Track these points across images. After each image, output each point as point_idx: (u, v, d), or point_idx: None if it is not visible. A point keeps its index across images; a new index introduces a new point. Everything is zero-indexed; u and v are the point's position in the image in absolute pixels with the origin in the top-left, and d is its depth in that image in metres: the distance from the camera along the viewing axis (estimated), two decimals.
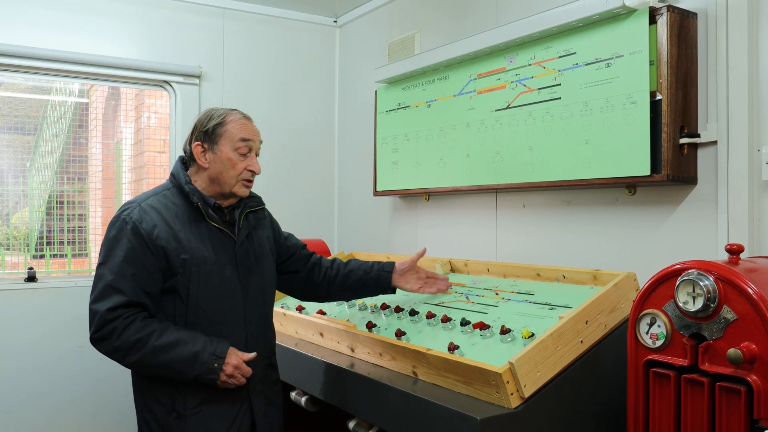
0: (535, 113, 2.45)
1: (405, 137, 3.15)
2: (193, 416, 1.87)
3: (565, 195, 2.53)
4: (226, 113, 1.97)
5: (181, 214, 1.91)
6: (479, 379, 1.71)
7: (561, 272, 2.20)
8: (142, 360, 1.80)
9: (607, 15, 2.17)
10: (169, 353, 1.80)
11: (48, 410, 3.26)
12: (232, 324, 1.93)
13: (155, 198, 1.93)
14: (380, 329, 2.27)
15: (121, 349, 1.80)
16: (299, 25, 3.95)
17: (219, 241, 1.94)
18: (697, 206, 2.09)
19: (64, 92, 3.70)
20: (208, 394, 1.88)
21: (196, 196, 1.91)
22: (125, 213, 1.88)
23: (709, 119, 2.05)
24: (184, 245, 1.87)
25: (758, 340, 1.35)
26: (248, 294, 1.97)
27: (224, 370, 1.84)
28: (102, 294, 1.81)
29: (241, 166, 1.94)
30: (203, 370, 1.81)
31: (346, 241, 3.96)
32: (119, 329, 1.78)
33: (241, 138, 1.93)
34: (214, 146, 1.92)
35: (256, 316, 2.00)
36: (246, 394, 1.95)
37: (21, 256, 3.47)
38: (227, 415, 1.92)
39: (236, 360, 1.86)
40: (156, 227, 1.85)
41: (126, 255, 1.82)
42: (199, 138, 1.94)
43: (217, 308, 1.91)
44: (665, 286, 1.52)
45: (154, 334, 1.80)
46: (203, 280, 1.88)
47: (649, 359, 1.54)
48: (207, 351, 1.82)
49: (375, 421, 2.01)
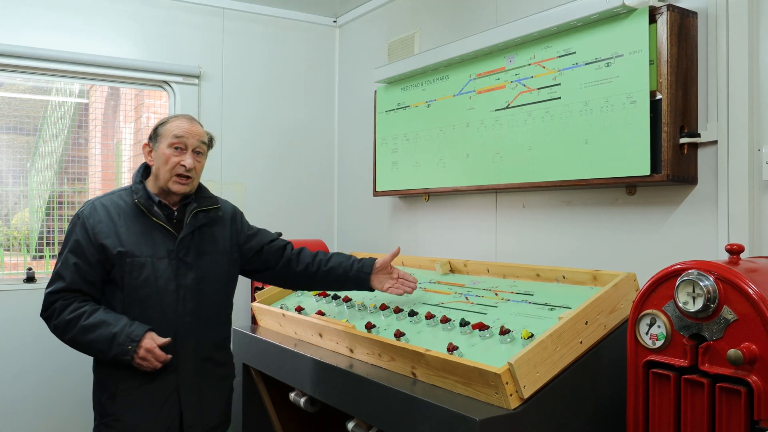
0: (534, 113, 2.45)
1: (405, 137, 3.14)
2: (122, 397, 2.02)
3: (564, 195, 2.53)
4: (172, 116, 2.16)
5: (128, 212, 2.08)
6: (478, 380, 1.71)
7: (560, 272, 2.20)
8: (73, 338, 2.00)
9: (607, 14, 2.17)
10: (92, 333, 1.97)
11: (47, 410, 3.26)
12: (162, 315, 2.05)
13: (109, 197, 2.12)
14: (379, 330, 2.26)
15: (59, 327, 2.01)
16: (299, 25, 3.95)
17: (160, 237, 2.07)
18: (697, 206, 2.09)
19: (64, 93, 3.70)
20: (142, 378, 2.02)
21: (139, 194, 2.08)
22: (80, 210, 2.10)
23: (709, 119, 2.05)
24: (122, 239, 2.03)
25: (758, 340, 1.34)
26: (181, 287, 2.07)
27: (137, 352, 1.96)
28: (51, 279, 2.04)
29: (174, 161, 2.07)
30: (119, 351, 1.95)
31: (346, 242, 3.95)
32: (58, 309, 2.00)
33: (175, 135, 2.08)
34: (156, 145, 2.10)
35: (189, 309, 2.08)
36: (175, 384, 2.06)
37: (21, 257, 3.46)
38: (155, 402, 2.04)
39: (150, 344, 1.97)
40: (100, 222, 2.04)
41: (72, 247, 2.03)
42: (147, 139, 2.14)
43: (149, 299, 2.04)
44: (665, 287, 1.51)
45: (84, 315, 1.98)
46: (136, 272, 2.02)
47: (649, 360, 1.53)
48: (124, 333, 1.96)
49: (374, 421, 2.00)
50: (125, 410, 2.02)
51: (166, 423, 2.04)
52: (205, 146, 2.15)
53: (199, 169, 2.12)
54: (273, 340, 2.59)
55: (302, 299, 2.86)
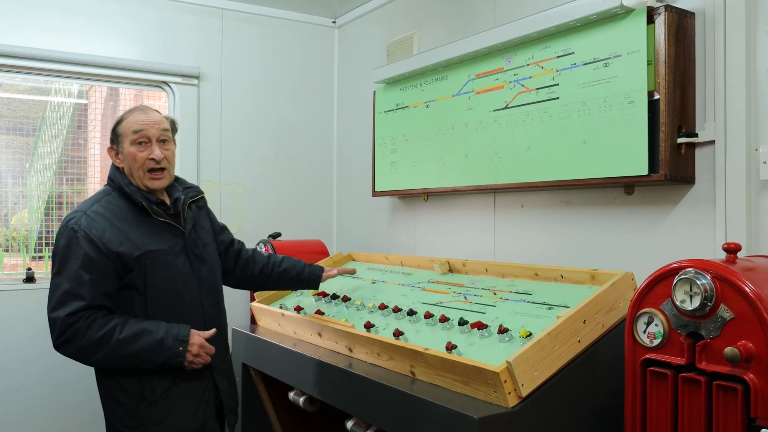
0: (533, 113, 2.45)
1: (404, 137, 3.15)
2: (163, 400, 1.97)
3: (563, 195, 2.53)
4: (126, 112, 2.05)
5: (127, 215, 1.99)
6: (477, 379, 1.71)
7: (559, 272, 2.20)
8: (108, 355, 1.88)
9: (605, 15, 2.17)
10: (134, 344, 1.88)
11: (47, 410, 3.26)
12: (190, 311, 2.03)
13: (98, 204, 1.99)
14: (378, 329, 2.26)
15: (86, 348, 1.87)
16: (298, 26, 3.96)
17: (168, 234, 2.03)
18: (695, 206, 2.09)
19: (63, 93, 3.70)
20: (175, 377, 1.98)
21: (139, 195, 1.99)
22: (72, 222, 1.93)
23: (706, 119, 2.05)
24: (136, 243, 1.95)
25: (755, 338, 1.35)
26: (201, 280, 2.07)
27: (190, 351, 1.94)
28: (61, 302, 1.86)
29: (141, 156, 1.99)
30: (169, 355, 1.91)
31: (345, 242, 3.96)
32: (82, 329, 1.85)
33: (134, 130, 1.99)
34: (120, 146, 2.02)
35: (210, 301, 2.10)
36: (210, 374, 2.07)
37: (20, 258, 3.46)
38: (195, 394, 2.03)
39: (199, 340, 1.98)
40: (106, 231, 1.92)
41: (81, 262, 1.88)
42: (110, 142, 2.05)
43: (175, 297, 2.00)
44: (662, 285, 1.52)
45: (116, 329, 1.88)
46: (159, 272, 1.97)
47: (647, 358, 1.54)
48: (170, 336, 1.92)
49: (373, 420, 2.01)
50: (169, 411, 1.97)
51: (207, 414, 2.06)
52: (169, 132, 2.06)
53: (170, 158, 2.04)
54: (272, 340, 2.60)
55: (301, 299, 2.86)
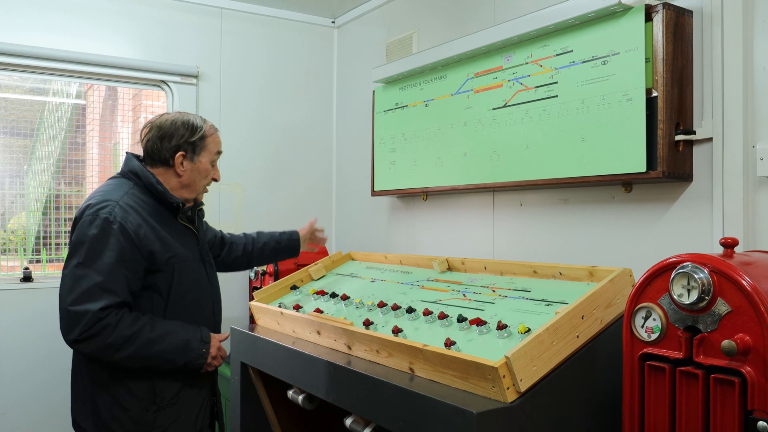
0: (532, 111, 2.46)
1: (403, 137, 3.15)
2: (171, 406, 1.98)
3: (561, 193, 2.54)
4: (205, 126, 2.06)
5: (153, 213, 1.96)
6: (476, 374, 1.71)
7: (557, 269, 2.21)
8: (134, 353, 1.85)
9: (604, 13, 2.18)
10: (161, 344, 1.89)
11: (44, 410, 3.25)
12: (204, 317, 2.08)
13: (127, 196, 1.94)
14: (377, 326, 2.26)
15: (114, 344, 1.83)
16: (297, 26, 3.97)
17: (187, 239, 2.06)
18: (693, 203, 2.10)
19: (62, 94, 3.70)
20: (183, 382, 2.01)
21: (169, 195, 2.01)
22: (105, 212, 1.86)
23: (704, 116, 2.06)
24: (168, 243, 1.94)
25: (752, 331, 1.35)
26: (213, 288, 2.14)
27: (210, 353, 1.99)
28: (89, 295, 1.81)
29: (212, 174, 2.10)
30: (193, 356, 1.95)
31: (344, 241, 3.96)
32: (112, 325, 1.81)
33: (218, 151, 2.09)
34: (195, 157, 2.03)
35: (219, 308, 2.18)
36: (211, 378, 2.13)
37: (18, 260, 3.46)
38: (200, 399, 2.07)
39: (217, 342, 2.04)
40: (141, 227, 1.89)
41: (117, 256, 1.83)
42: (182, 148, 2.02)
43: (194, 302, 2.03)
44: (660, 280, 1.53)
45: (146, 327, 1.87)
46: (184, 277, 1.99)
47: (645, 352, 1.55)
48: (196, 338, 1.96)
49: (372, 417, 2.00)
50: (177, 416, 1.98)
51: (207, 417, 2.10)
52: None
53: None
54: (271, 339, 2.59)
55: (300, 298, 2.86)
